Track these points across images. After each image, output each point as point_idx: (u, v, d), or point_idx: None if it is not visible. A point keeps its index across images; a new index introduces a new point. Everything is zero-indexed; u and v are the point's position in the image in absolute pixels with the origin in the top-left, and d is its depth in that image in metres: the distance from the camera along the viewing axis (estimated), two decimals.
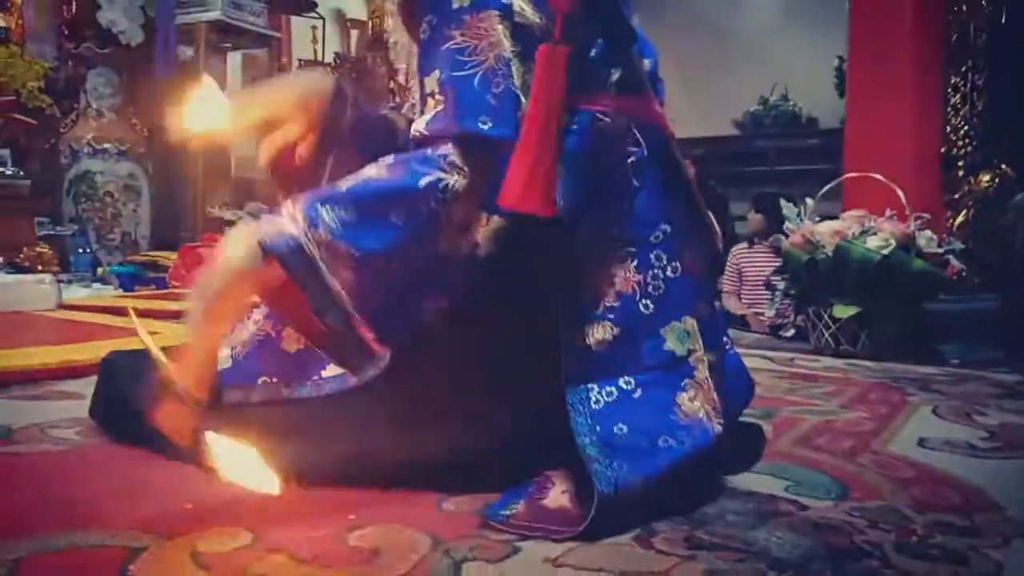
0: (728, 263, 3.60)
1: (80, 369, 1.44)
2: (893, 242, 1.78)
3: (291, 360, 0.93)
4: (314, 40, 6.36)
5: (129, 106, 3.65)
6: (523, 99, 0.82)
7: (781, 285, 2.02)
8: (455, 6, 0.83)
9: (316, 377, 0.92)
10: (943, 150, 2.26)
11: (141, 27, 3.50)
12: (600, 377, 0.85)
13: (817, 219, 2.00)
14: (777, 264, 2.14)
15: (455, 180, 0.79)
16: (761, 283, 3.15)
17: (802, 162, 5.74)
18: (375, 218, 0.78)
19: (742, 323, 3.18)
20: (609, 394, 0.84)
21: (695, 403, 0.86)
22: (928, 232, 1.81)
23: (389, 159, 0.83)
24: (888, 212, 1.88)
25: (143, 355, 0.84)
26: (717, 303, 0.99)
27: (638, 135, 0.92)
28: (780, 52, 6.28)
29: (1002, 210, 2.02)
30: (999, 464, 1.01)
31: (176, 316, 2.18)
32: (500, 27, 0.82)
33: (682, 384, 0.86)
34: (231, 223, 3.97)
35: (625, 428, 0.83)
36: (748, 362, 1.76)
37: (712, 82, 6.97)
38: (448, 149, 0.79)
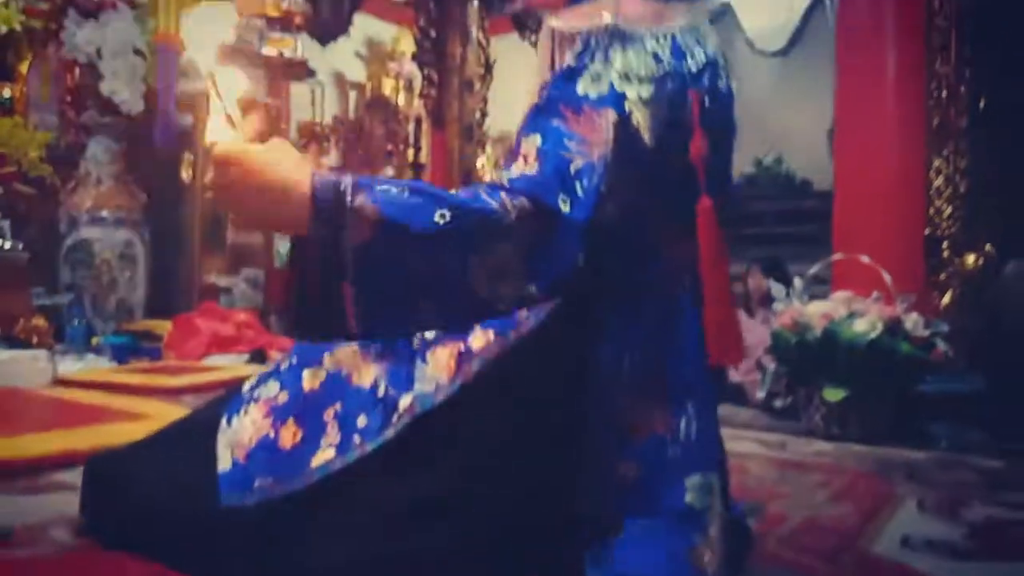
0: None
1: (79, 456, 1.45)
2: (880, 326, 1.80)
3: (286, 456, 0.94)
4: (313, 102, 6.47)
5: (127, 174, 3.70)
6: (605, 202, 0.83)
7: (772, 366, 2.04)
8: (579, 92, 0.86)
9: (306, 468, 0.94)
10: (927, 231, 2.31)
11: (142, 97, 3.56)
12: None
13: (806, 299, 2.03)
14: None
15: (509, 218, 0.78)
16: (760, 351, 3.15)
17: (796, 224, 5.80)
18: (419, 204, 0.77)
19: (738, 392, 3.17)
20: (622, 532, 0.85)
21: (704, 558, 0.86)
22: (915, 315, 1.84)
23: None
24: (875, 294, 1.91)
25: (127, 457, 0.85)
26: None
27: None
28: (774, 115, 6.42)
29: (987, 290, 2.05)
30: (979, 567, 1.03)
31: (171, 393, 2.20)
32: (613, 130, 0.84)
33: (694, 539, 0.86)
34: (227, 290, 4.02)
35: (632, 569, 0.83)
36: (741, 446, 1.79)
37: None
38: (515, 196, 0.80)
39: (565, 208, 0.80)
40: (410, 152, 7.36)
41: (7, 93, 3.56)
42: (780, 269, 3.99)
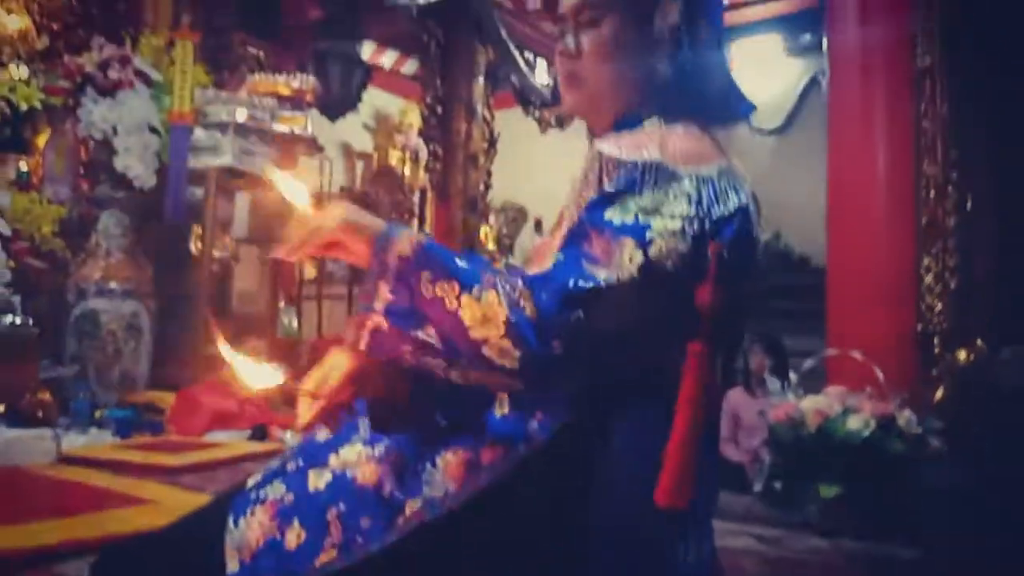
0: (724, 408, 3.64)
1: (81, 546, 1.48)
2: (873, 423, 1.83)
3: (291, 558, 0.96)
4: (321, 172, 6.59)
5: (137, 246, 3.77)
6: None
7: (768, 458, 2.07)
8: (606, 217, 0.91)
9: (309, 568, 0.96)
10: (919, 327, 2.36)
11: (155, 172, 3.65)
12: None
13: (801, 392, 2.06)
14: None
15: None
16: (758, 430, 3.17)
17: (795, 299, 5.84)
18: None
19: (739, 473, 3.17)
20: None
21: None
22: (907, 412, 1.87)
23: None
24: (868, 390, 1.94)
25: (134, 559, 0.88)
26: None
27: None
28: (772, 191, 6.46)
29: (979, 384, 2.09)
30: None
31: (171, 473, 2.21)
32: (627, 256, 0.89)
33: None
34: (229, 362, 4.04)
35: None
36: (736, 542, 1.80)
37: None
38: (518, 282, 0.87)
39: (543, 298, 0.86)
40: (415, 222, 7.47)
41: (24, 167, 3.67)
42: (780, 348, 4.02)
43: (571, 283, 0.86)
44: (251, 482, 1.04)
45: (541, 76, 6.84)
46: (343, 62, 5.21)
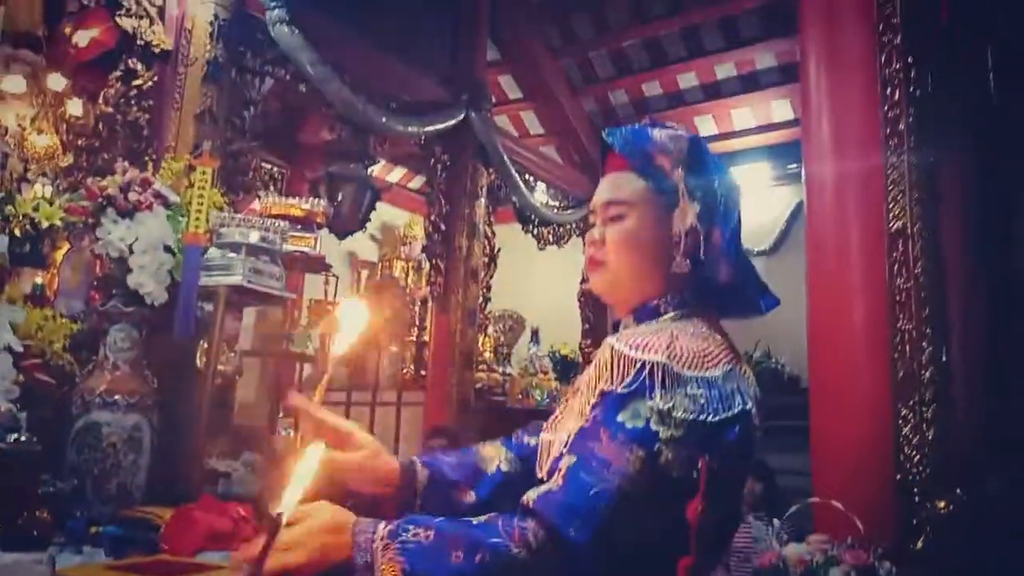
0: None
1: None
2: (854, 574, 1.88)
3: None
4: (326, 282, 6.76)
5: (144, 359, 3.86)
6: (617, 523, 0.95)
7: None
8: (619, 419, 1.01)
9: None
10: (899, 477, 2.43)
11: (166, 289, 3.77)
12: None
13: (786, 538, 2.12)
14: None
15: (518, 551, 0.91)
16: (750, 560, 3.18)
17: (786, 418, 5.86)
18: (438, 549, 0.91)
19: None
20: None
21: None
22: (888, 564, 1.92)
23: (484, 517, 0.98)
24: (849, 540, 2.00)
25: None
26: None
27: None
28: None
29: (958, 535, 2.14)
30: None
31: None
32: (639, 463, 0.97)
33: None
34: (226, 475, 4.07)
35: None
36: None
37: None
38: (531, 524, 0.93)
39: (573, 534, 0.92)
40: (415, 331, 7.60)
41: (40, 280, 3.80)
42: (770, 476, 4.06)
43: (597, 511, 0.94)
44: None
45: (540, 197, 7.11)
46: (354, 184, 5.44)
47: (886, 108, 2.62)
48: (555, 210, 7.33)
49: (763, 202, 7.23)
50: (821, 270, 2.69)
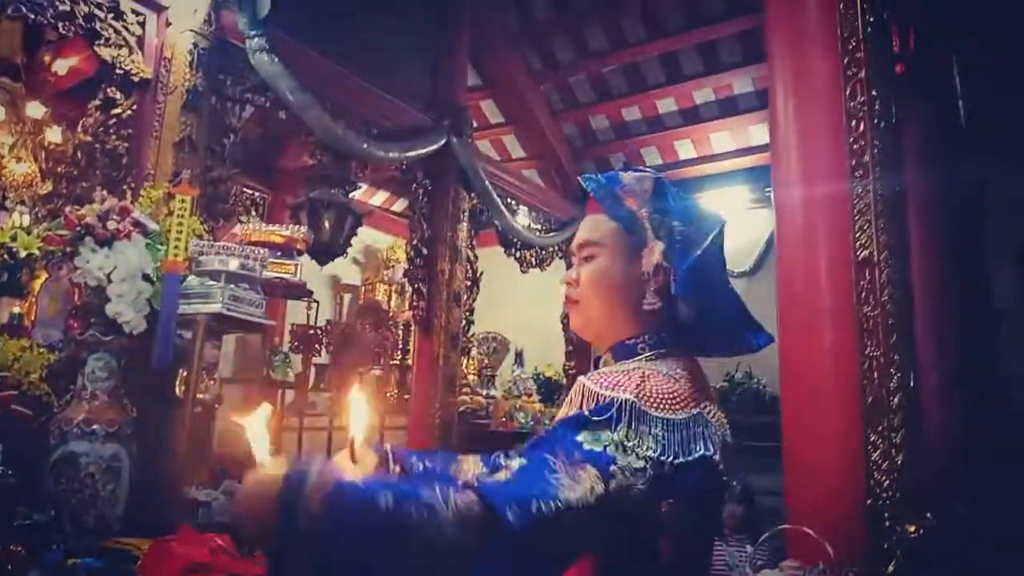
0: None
1: None
2: None
3: None
4: (308, 307, 6.75)
5: (121, 388, 3.84)
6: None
7: None
8: (578, 439, 1.03)
9: None
10: (869, 502, 2.46)
11: (145, 317, 3.77)
12: None
13: (759, 563, 2.14)
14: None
15: (449, 515, 0.92)
16: None
17: (767, 439, 5.88)
18: (373, 491, 0.95)
19: None
20: None
21: None
22: None
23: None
24: (820, 565, 2.02)
25: None
26: None
27: None
28: None
29: (929, 559, 2.17)
30: None
31: None
32: (588, 484, 0.98)
33: None
34: (206, 504, 4.05)
35: None
36: None
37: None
38: (470, 498, 0.95)
39: (510, 517, 0.94)
40: (399, 354, 7.59)
41: (17, 309, 3.79)
42: (750, 498, 4.08)
43: (537, 504, 0.95)
44: None
45: (522, 220, 7.16)
46: (335, 210, 5.46)
47: (851, 140, 2.68)
48: (537, 233, 7.37)
49: (742, 224, 7.31)
50: (791, 296, 2.74)
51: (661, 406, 1.08)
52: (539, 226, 7.41)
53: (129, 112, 4.22)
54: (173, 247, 3.89)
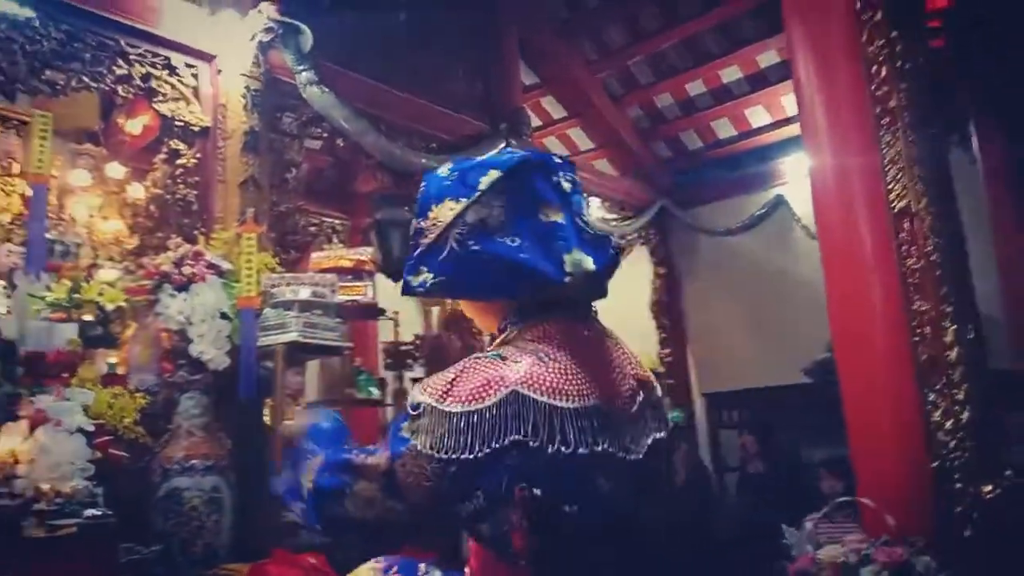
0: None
1: None
2: (886, 573, 1.80)
3: None
4: (396, 324, 6.89)
5: (215, 422, 4.05)
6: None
7: None
8: (400, 427, 1.13)
9: None
10: (935, 464, 2.30)
11: (227, 353, 3.96)
12: None
13: (820, 538, 2.04)
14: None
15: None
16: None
17: None
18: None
19: None
20: None
21: None
22: (926, 558, 1.83)
23: None
24: (884, 537, 1.92)
25: None
26: None
27: None
28: None
29: (1010, 518, 2.01)
30: None
31: None
32: (378, 464, 1.18)
33: None
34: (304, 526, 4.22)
35: None
36: None
37: (778, 330, 7.09)
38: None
39: (317, 478, 1.24)
40: None
41: (113, 359, 4.05)
42: (848, 470, 3.90)
43: (333, 466, 1.21)
44: None
45: (596, 212, 7.10)
46: (403, 228, 5.56)
47: (873, 88, 2.51)
48: (613, 222, 7.29)
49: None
50: (832, 259, 2.59)
51: (471, 399, 1.09)
52: (613, 216, 7.33)
53: (194, 160, 4.45)
54: (245, 283, 4.08)
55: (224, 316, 4.01)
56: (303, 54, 4.78)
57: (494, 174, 1.23)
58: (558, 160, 1.30)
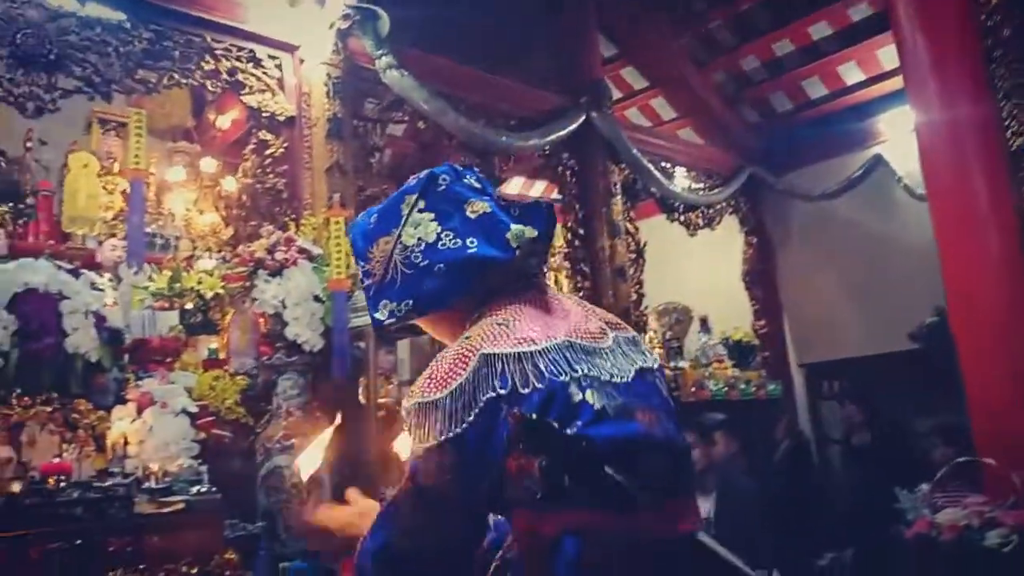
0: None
1: None
2: (1015, 538, 1.67)
3: None
4: None
5: (313, 402, 4.16)
6: None
7: None
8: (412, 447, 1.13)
9: None
10: None
11: (321, 335, 4.05)
12: None
13: (938, 503, 1.92)
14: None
15: None
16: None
17: None
18: None
19: None
20: None
21: None
22: None
23: None
24: (1012, 500, 1.78)
25: None
26: None
27: (626, 547, 1.03)
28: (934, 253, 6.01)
29: None
30: None
31: None
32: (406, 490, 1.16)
33: None
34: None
35: None
36: None
37: (879, 295, 6.78)
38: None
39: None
40: None
41: (214, 345, 4.20)
42: (960, 435, 3.73)
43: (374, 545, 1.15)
44: None
45: (682, 181, 6.92)
46: None
47: (983, 18, 2.31)
48: (700, 192, 7.11)
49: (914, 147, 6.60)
50: (943, 210, 2.41)
51: (446, 383, 1.11)
52: (701, 185, 7.14)
53: (281, 150, 4.55)
54: (335, 267, 4.15)
55: (317, 299, 4.09)
56: (381, 39, 4.81)
57: (410, 198, 1.31)
58: (459, 167, 1.37)
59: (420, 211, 1.29)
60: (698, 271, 7.84)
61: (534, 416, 1.04)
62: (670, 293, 7.56)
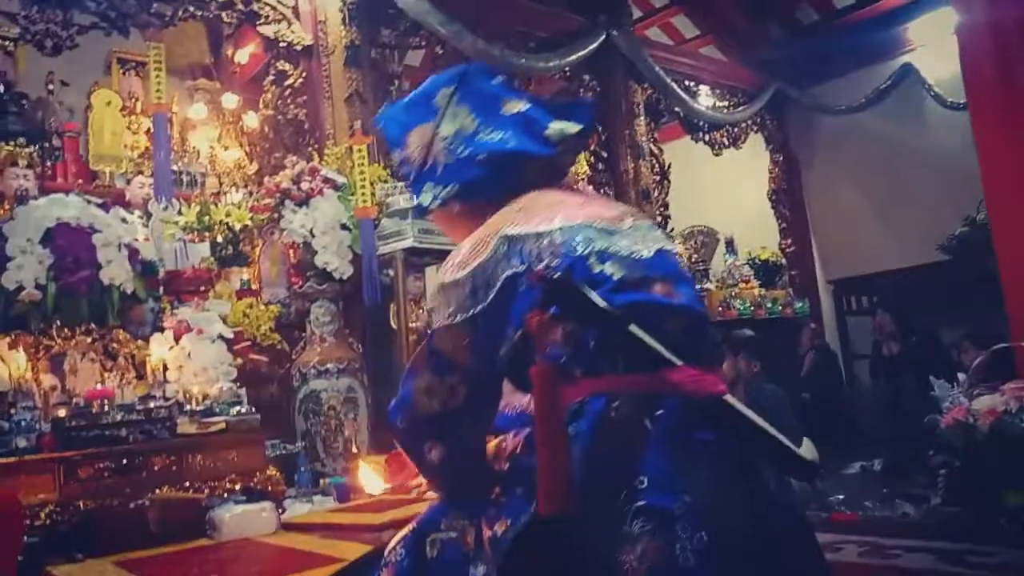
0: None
1: None
2: None
3: None
4: None
5: (345, 329, 4.24)
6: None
7: (943, 470, 1.94)
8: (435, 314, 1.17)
9: None
10: None
11: (350, 262, 4.09)
12: None
13: (976, 393, 1.94)
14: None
15: None
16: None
17: None
18: None
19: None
20: None
21: None
22: None
23: None
24: None
25: None
26: None
27: (652, 410, 1.05)
28: (966, 162, 5.93)
29: None
30: None
31: (375, 530, 2.49)
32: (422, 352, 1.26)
33: None
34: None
35: None
36: (916, 560, 1.69)
37: (907, 208, 6.69)
38: None
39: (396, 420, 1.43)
40: None
41: (245, 276, 4.26)
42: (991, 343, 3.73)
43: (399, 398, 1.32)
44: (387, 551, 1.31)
45: (706, 100, 6.80)
46: None
47: None
48: (725, 110, 6.99)
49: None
50: (986, 121, 2.33)
51: (467, 263, 1.16)
52: (725, 103, 7.01)
53: (300, 80, 4.54)
54: (360, 195, 4.18)
55: (344, 227, 4.13)
56: None
57: (446, 91, 1.32)
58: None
59: (455, 103, 1.30)
60: (723, 193, 7.76)
61: (558, 275, 1.07)
62: (696, 216, 7.51)
